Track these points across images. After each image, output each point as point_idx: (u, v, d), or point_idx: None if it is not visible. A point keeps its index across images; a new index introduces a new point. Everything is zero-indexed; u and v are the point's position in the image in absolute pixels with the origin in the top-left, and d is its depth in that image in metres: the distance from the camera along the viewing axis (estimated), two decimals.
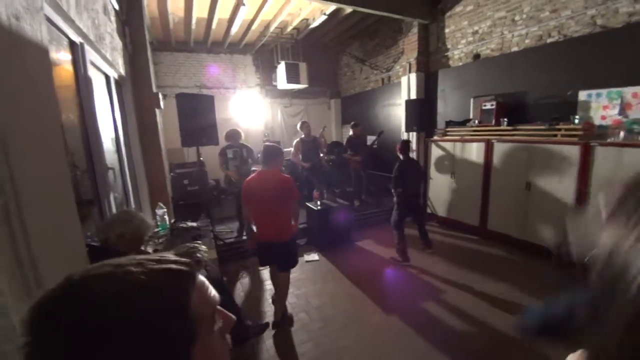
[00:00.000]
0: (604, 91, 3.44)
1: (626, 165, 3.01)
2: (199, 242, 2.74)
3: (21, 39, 1.13)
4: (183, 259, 0.41)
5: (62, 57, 1.80)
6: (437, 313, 2.85)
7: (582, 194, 3.35)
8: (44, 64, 1.31)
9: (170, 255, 0.42)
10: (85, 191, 2.06)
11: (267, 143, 2.87)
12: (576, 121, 3.51)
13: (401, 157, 3.85)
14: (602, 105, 3.47)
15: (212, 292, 0.43)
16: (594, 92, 3.52)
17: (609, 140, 3.26)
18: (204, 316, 0.40)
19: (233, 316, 0.46)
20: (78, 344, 0.31)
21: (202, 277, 0.42)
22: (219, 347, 0.42)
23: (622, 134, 3.18)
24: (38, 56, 1.25)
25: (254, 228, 2.71)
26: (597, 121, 3.50)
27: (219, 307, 0.44)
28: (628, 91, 3.26)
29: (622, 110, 3.31)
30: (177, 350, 0.35)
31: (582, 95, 3.62)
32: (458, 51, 5.15)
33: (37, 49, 1.24)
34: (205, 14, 5.53)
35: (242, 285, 3.54)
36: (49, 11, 1.49)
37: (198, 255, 0.38)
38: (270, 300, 3.09)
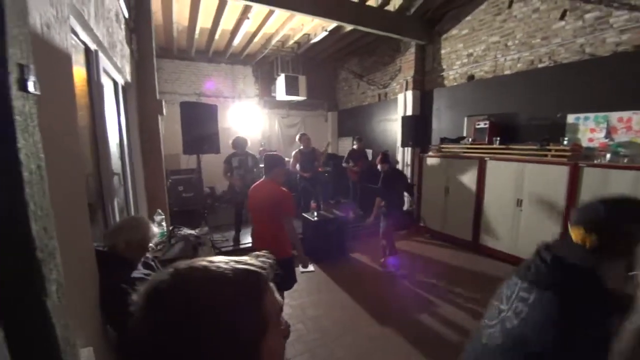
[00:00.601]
0: (591, 115, 3.62)
1: (612, 185, 3.16)
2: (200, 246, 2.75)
3: (52, 47, 1.17)
4: (258, 263, 0.47)
5: (78, 63, 1.84)
6: (431, 325, 2.89)
7: (571, 212, 3.48)
8: (67, 71, 1.36)
9: (248, 259, 0.47)
10: (90, 196, 2.07)
11: (268, 152, 2.88)
12: (565, 142, 3.67)
13: (381, 168, 3.98)
14: (589, 128, 3.65)
15: (278, 296, 0.49)
16: (582, 115, 3.71)
17: (595, 161, 3.43)
18: (272, 315, 0.46)
19: (290, 323, 0.53)
20: (181, 320, 0.38)
21: (271, 282, 0.48)
22: (280, 348, 0.48)
23: (608, 156, 3.34)
24: (63, 63, 1.30)
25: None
26: (585, 143, 3.67)
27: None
28: (614, 116, 3.44)
29: (608, 134, 3.49)
30: (251, 338, 0.41)
31: (571, 118, 3.80)
32: (453, 72, 5.35)
33: (63, 56, 1.29)
34: (209, 25, 5.64)
35: None
36: (72, 20, 1.54)
37: (270, 261, 0.43)
38: None
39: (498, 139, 4.32)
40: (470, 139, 4.76)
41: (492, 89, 4.73)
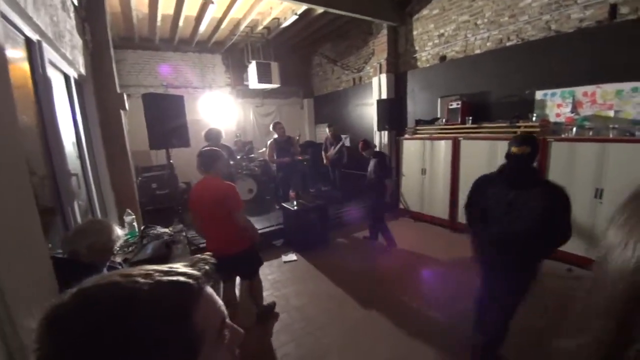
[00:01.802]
0: (558, 91, 3.72)
1: (578, 158, 3.29)
2: (178, 246, 2.65)
3: None
4: (192, 271, 0.41)
5: (17, 55, 1.67)
6: (414, 304, 2.96)
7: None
8: (1, 64, 1.21)
9: (180, 267, 0.41)
10: (46, 199, 1.92)
11: (205, 148, 2.60)
12: (534, 119, 3.76)
13: (367, 154, 4.06)
14: (556, 104, 3.76)
15: (220, 305, 0.43)
16: (549, 91, 3.80)
17: (563, 135, 3.54)
18: (210, 329, 0.40)
19: (241, 330, 0.46)
20: (86, 353, 0.32)
21: (210, 290, 0.42)
22: None
23: (574, 130, 3.46)
24: None
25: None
26: (553, 118, 3.78)
27: (228, 320, 0.44)
28: (579, 91, 3.55)
29: (574, 109, 3.60)
30: None
31: (539, 94, 3.89)
32: (425, 53, 5.35)
33: None
34: (171, 11, 5.32)
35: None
36: (5, 8, 1.37)
37: (206, 267, 0.37)
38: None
39: (470, 118, 4.38)
40: (444, 120, 4.80)
41: (463, 69, 4.77)
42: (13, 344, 0.96)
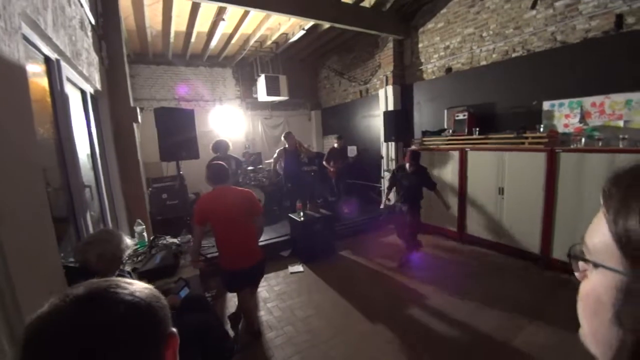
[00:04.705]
0: (565, 101, 3.70)
1: (588, 168, 3.24)
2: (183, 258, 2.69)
3: (1, 58, 1.11)
4: None
5: (37, 73, 1.77)
6: (421, 318, 2.91)
7: (551, 196, 3.56)
8: (21, 82, 1.29)
9: None
10: (60, 209, 1.99)
11: (214, 162, 2.62)
12: (541, 129, 3.74)
13: (408, 166, 3.95)
14: (564, 114, 3.73)
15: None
16: (556, 102, 3.78)
17: (572, 146, 3.50)
18: None
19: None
20: None
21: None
22: None
23: (583, 140, 3.42)
24: (15, 76, 1.23)
25: (220, 254, 2.58)
26: (561, 129, 3.75)
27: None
28: (587, 101, 3.52)
29: (582, 119, 3.57)
30: None
31: (546, 105, 3.87)
32: (431, 65, 5.39)
33: (14, 68, 1.22)
34: (184, 28, 5.53)
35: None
36: (26, 30, 1.47)
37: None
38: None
39: (477, 129, 4.37)
40: (450, 131, 4.81)
41: (469, 81, 4.79)
42: None
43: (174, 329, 0.51)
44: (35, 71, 1.78)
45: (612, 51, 3.28)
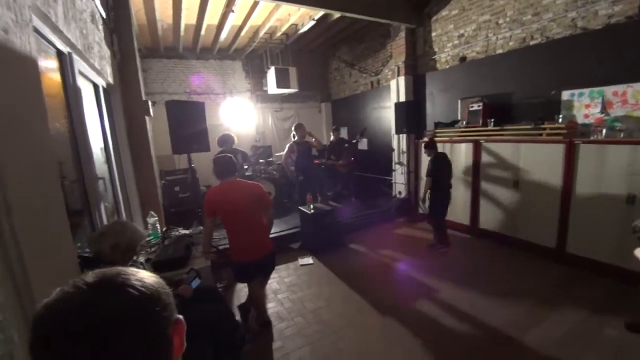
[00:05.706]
0: (585, 90, 3.55)
1: (609, 161, 3.11)
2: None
3: (10, 52, 1.12)
4: None
5: (50, 66, 1.79)
6: (431, 312, 2.88)
7: (568, 190, 3.44)
8: (33, 76, 1.31)
9: None
10: (75, 201, 2.04)
11: (219, 155, 2.61)
12: (560, 120, 3.60)
13: (428, 153, 4.04)
14: (584, 104, 3.58)
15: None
16: (576, 91, 3.63)
17: (592, 137, 3.37)
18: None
19: None
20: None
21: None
22: None
23: (604, 131, 3.28)
24: (27, 68, 1.25)
25: (230, 246, 2.61)
26: (580, 120, 3.61)
27: None
28: (608, 90, 3.37)
29: (604, 109, 3.42)
30: None
31: (565, 94, 3.72)
32: (445, 54, 5.25)
33: (26, 60, 1.24)
34: (194, 21, 5.52)
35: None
36: (37, 23, 1.48)
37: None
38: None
39: (492, 120, 4.25)
40: (464, 122, 4.69)
41: (484, 70, 4.64)
42: None
43: (180, 316, 0.52)
44: (50, 66, 1.80)
45: (636, 37, 3.12)
